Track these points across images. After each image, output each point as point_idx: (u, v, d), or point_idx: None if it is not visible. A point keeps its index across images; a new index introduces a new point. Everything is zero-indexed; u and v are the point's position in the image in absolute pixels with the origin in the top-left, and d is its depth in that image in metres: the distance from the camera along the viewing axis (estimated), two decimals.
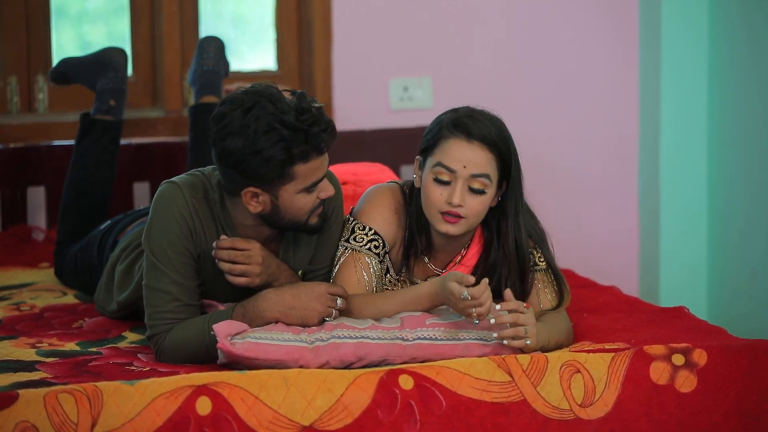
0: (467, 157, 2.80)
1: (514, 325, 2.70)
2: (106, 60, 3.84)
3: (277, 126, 2.67)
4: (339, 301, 2.76)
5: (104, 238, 3.41)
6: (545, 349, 2.77)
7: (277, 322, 2.74)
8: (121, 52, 3.86)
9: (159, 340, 2.79)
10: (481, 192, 2.82)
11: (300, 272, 2.94)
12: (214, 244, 2.81)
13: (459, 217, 2.82)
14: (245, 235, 2.87)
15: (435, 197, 2.83)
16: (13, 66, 4.19)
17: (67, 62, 3.88)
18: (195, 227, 2.82)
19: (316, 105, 2.73)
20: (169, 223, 2.80)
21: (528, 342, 2.70)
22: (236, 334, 2.67)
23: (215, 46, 3.94)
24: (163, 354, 2.78)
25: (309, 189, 2.76)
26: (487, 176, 2.81)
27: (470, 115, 2.84)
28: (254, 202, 2.78)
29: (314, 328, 2.72)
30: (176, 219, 2.80)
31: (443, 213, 2.82)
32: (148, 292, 2.81)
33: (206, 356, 2.75)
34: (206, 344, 2.73)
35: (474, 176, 2.81)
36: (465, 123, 2.82)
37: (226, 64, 3.99)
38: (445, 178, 2.81)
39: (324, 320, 2.75)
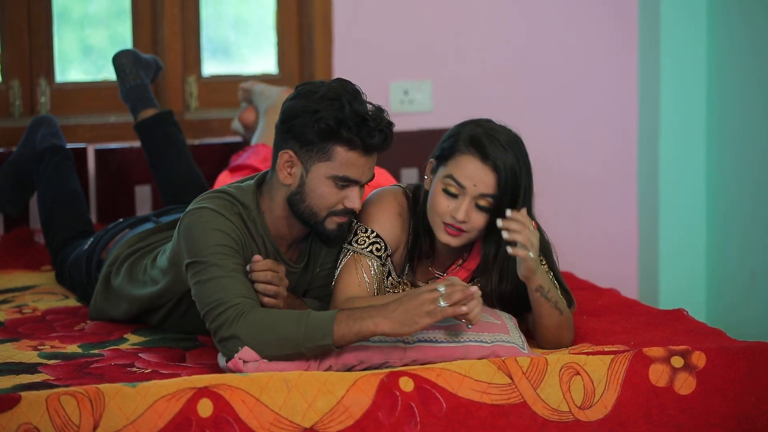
0: (479, 178, 2.82)
1: (521, 227, 2.76)
2: (35, 123, 3.90)
3: (343, 101, 2.74)
4: (442, 289, 2.61)
5: (89, 259, 3.41)
6: (543, 294, 2.81)
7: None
8: (44, 116, 3.92)
9: (240, 310, 2.65)
10: (486, 210, 2.84)
11: (317, 270, 2.96)
12: (248, 267, 2.78)
13: (461, 231, 2.84)
14: (278, 238, 2.88)
15: (441, 207, 2.85)
16: (16, 69, 4.20)
17: (2, 167, 3.92)
18: (242, 238, 2.81)
19: (388, 120, 2.79)
20: (216, 234, 2.76)
21: (531, 254, 2.76)
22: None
23: (128, 61, 3.91)
24: (245, 321, 2.63)
25: (338, 181, 2.78)
26: (493, 196, 2.83)
27: (490, 135, 2.84)
28: (287, 170, 2.80)
29: None
30: (223, 231, 2.77)
31: (446, 224, 2.84)
32: (204, 292, 2.70)
33: (286, 344, 2.62)
34: (297, 338, 2.61)
35: (482, 195, 2.83)
36: (482, 143, 2.83)
37: (152, 62, 3.97)
38: (454, 191, 2.83)
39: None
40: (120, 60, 3.93)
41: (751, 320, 4.30)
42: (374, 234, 2.92)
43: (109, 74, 4.38)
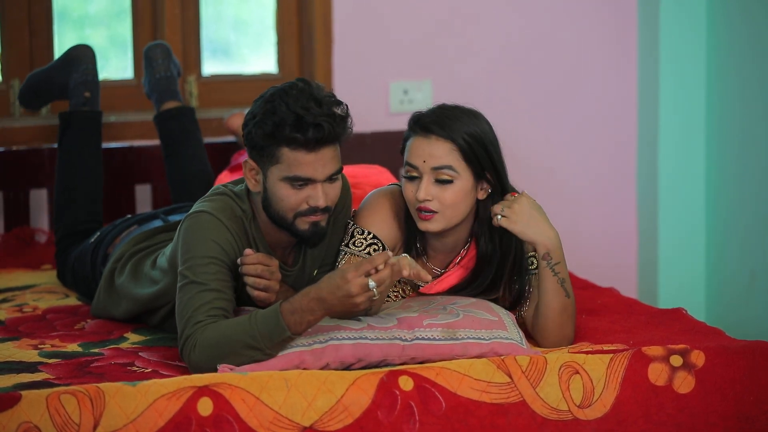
0: (426, 152, 2.84)
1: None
2: (73, 57, 3.84)
3: (276, 102, 2.70)
4: (371, 283, 2.56)
5: (95, 252, 3.41)
6: (550, 265, 2.84)
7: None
8: (86, 47, 3.86)
9: (196, 330, 2.66)
10: (448, 182, 2.84)
11: (315, 272, 2.95)
12: (239, 260, 2.77)
13: (432, 212, 2.84)
14: (272, 243, 2.88)
15: (408, 194, 2.87)
16: (16, 69, 4.20)
17: (35, 74, 3.89)
18: (239, 247, 2.81)
19: (339, 110, 2.72)
20: (209, 245, 2.75)
21: (499, 216, 2.84)
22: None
23: (161, 52, 3.94)
24: (197, 348, 2.64)
25: (292, 182, 2.73)
26: (449, 167, 2.83)
27: (433, 111, 2.88)
28: (252, 177, 2.80)
29: (310, 330, 2.71)
30: (217, 242, 2.76)
31: (418, 210, 2.85)
32: (182, 303, 2.72)
33: (242, 351, 2.63)
34: (247, 342, 2.61)
35: (436, 169, 2.83)
36: (421, 119, 2.86)
37: (177, 65, 4.00)
38: (414, 174, 2.85)
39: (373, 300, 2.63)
40: (153, 51, 3.94)
41: (751, 320, 4.30)
42: (371, 236, 2.91)
43: (109, 74, 4.39)
